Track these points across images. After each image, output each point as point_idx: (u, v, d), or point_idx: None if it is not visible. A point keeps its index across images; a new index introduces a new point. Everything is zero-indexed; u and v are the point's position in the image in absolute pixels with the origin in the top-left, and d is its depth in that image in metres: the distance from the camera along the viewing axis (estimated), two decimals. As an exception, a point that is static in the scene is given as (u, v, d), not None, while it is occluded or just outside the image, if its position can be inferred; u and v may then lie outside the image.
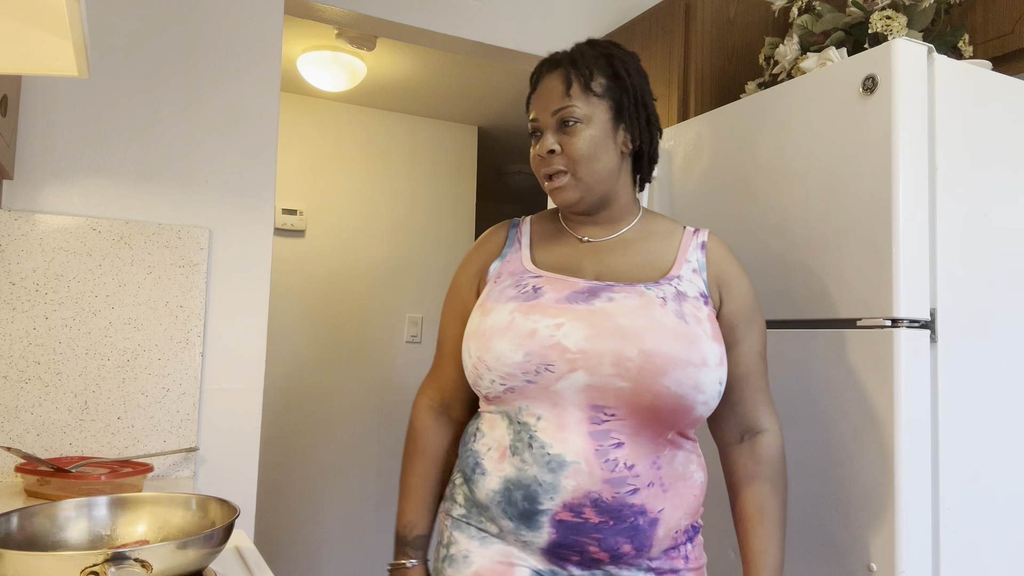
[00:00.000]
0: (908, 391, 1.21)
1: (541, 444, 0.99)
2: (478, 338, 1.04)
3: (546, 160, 1.09)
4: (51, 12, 0.76)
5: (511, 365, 1.00)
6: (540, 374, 0.99)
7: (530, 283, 1.07)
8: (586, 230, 1.15)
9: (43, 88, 1.62)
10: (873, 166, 1.27)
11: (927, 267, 1.26)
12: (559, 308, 1.01)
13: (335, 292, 3.25)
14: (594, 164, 1.07)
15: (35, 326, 1.56)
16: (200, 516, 0.96)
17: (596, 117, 1.08)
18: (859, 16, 1.53)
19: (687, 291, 1.06)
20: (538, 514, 0.99)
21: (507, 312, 1.03)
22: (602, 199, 1.11)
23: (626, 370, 0.97)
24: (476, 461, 1.06)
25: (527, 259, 1.13)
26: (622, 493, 0.97)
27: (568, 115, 1.06)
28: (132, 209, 1.68)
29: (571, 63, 1.09)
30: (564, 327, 0.99)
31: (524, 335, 1.00)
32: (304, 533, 3.15)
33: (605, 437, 0.98)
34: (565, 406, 0.99)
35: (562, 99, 1.07)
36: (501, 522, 1.03)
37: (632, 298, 1.02)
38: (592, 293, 1.03)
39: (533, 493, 0.99)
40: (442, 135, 3.50)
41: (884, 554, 1.19)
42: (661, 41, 2.02)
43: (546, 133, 1.09)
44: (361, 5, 2.00)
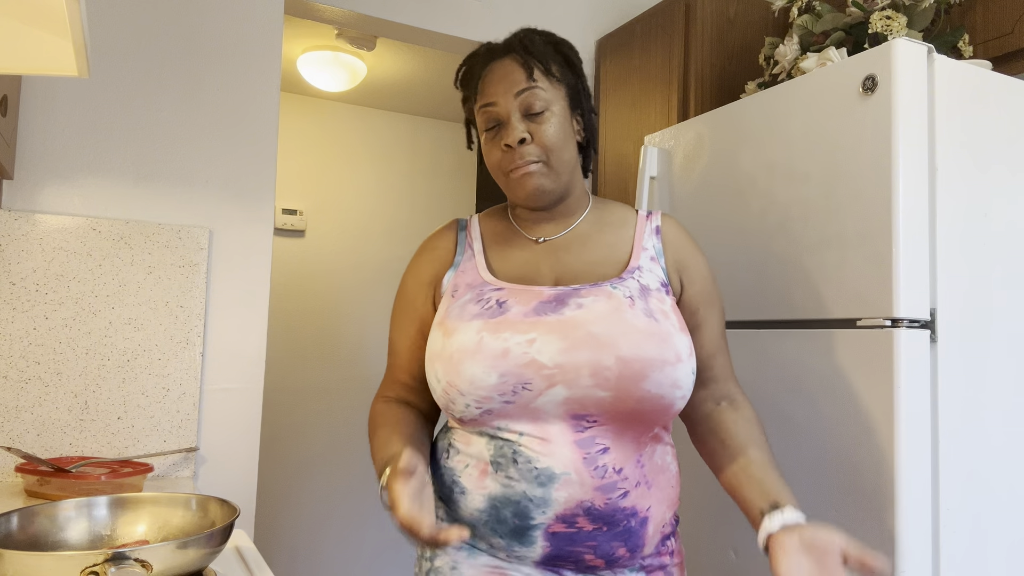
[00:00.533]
0: (908, 391, 1.21)
1: (527, 459, 0.95)
2: (445, 362, 0.98)
3: (516, 152, 1.02)
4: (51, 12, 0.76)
5: (486, 388, 0.95)
6: (518, 393, 0.95)
7: (492, 297, 1.01)
8: (539, 228, 1.10)
9: (43, 88, 1.62)
10: (873, 166, 1.27)
11: (927, 267, 1.26)
12: (528, 322, 0.97)
13: (335, 292, 3.25)
14: (563, 153, 1.04)
15: (35, 326, 1.56)
16: (200, 516, 0.96)
17: (558, 103, 1.04)
18: (859, 16, 1.53)
19: (649, 283, 1.03)
20: (530, 529, 0.96)
21: (474, 332, 0.97)
22: (564, 190, 1.07)
23: (605, 379, 0.94)
24: (453, 479, 1.02)
25: (483, 268, 1.07)
26: (614, 498, 0.96)
27: (534, 98, 1.01)
28: (132, 209, 1.68)
29: (524, 49, 1.04)
30: (537, 342, 0.95)
31: (496, 355, 0.95)
32: (304, 533, 3.15)
33: (591, 444, 0.96)
34: (546, 419, 0.96)
35: (525, 81, 1.02)
36: (491, 540, 0.99)
37: (601, 301, 0.98)
38: (560, 301, 0.99)
39: (524, 509, 0.96)
40: (442, 135, 3.50)
41: (884, 554, 1.19)
42: (661, 41, 2.02)
43: (510, 121, 1.02)
44: (361, 5, 2.00)
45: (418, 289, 1.12)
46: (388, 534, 3.29)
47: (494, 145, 1.05)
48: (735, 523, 1.49)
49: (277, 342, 3.14)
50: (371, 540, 3.26)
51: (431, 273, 1.11)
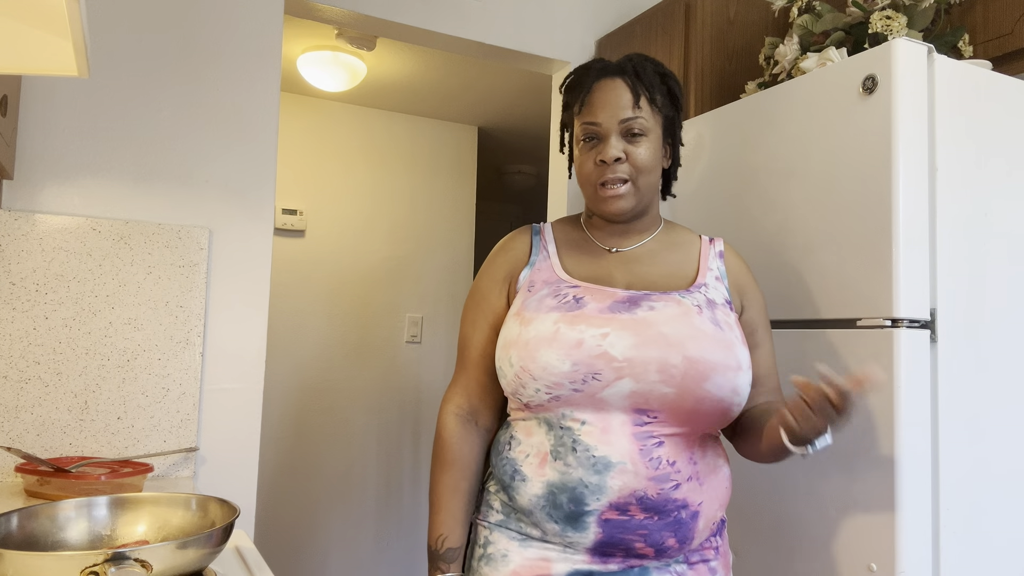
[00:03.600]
0: (908, 391, 1.21)
1: (586, 447, 1.01)
2: (521, 348, 1.04)
3: (609, 167, 1.10)
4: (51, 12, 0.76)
5: (558, 375, 1.01)
6: (587, 383, 1.01)
7: (570, 293, 1.08)
8: (612, 240, 1.17)
9: (43, 88, 1.62)
10: (873, 166, 1.27)
11: (927, 267, 1.26)
12: (604, 318, 1.03)
13: (335, 292, 3.25)
14: (651, 176, 1.11)
15: (35, 326, 1.56)
16: (200, 516, 0.95)
17: (654, 131, 1.11)
18: (859, 16, 1.53)
19: (715, 298, 1.10)
20: (584, 515, 1.01)
21: (551, 322, 1.03)
22: (644, 210, 1.15)
23: (671, 376, 1.00)
24: (515, 468, 1.07)
25: (559, 268, 1.13)
26: (666, 489, 1.01)
27: (636, 126, 1.09)
28: (132, 209, 1.68)
29: (635, 75, 1.11)
30: (610, 336, 1.01)
31: (571, 345, 1.01)
32: (304, 533, 3.15)
33: (647, 437, 1.01)
34: (609, 411, 1.02)
35: (633, 109, 1.09)
36: (546, 525, 1.04)
37: (671, 307, 1.05)
38: (633, 303, 1.05)
39: (579, 495, 1.01)
40: (442, 135, 3.50)
41: (884, 554, 1.19)
42: (661, 41, 2.02)
43: (609, 139, 1.10)
44: (361, 5, 2.00)
45: (492, 286, 1.17)
46: (388, 534, 3.29)
47: (589, 157, 1.12)
48: (735, 523, 1.49)
49: (277, 342, 3.14)
50: (371, 540, 3.26)
51: (506, 270, 1.17)
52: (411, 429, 3.35)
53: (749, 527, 1.45)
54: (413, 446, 3.36)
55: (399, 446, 3.33)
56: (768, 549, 1.40)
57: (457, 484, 1.13)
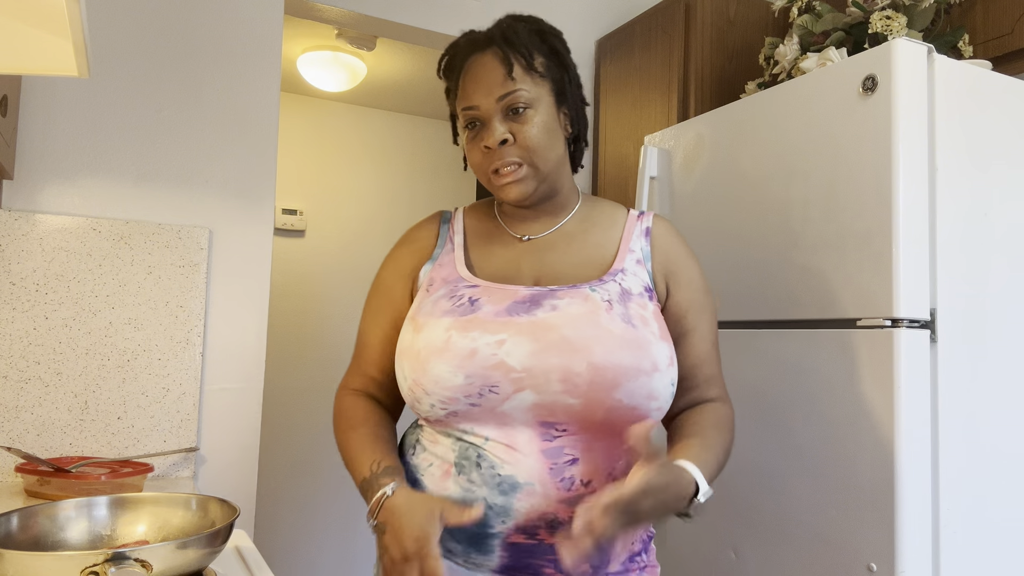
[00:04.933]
0: (908, 391, 1.21)
1: (491, 464, 0.91)
2: (412, 359, 0.94)
3: (496, 152, 0.97)
4: (51, 12, 0.76)
5: (451, 388, 0.91)
6: (484, 396, 0.91)
7: (466, 294, 0.97)
8: (525, 226, 1.06)
9: (43, 88, 1.62)
10: (873, 166, 1.27)
11: (927, 267, 1.26)
12: (499, 322, 0.92)
13: (335, 292, 3.25)
14: (548, 152, 0.98)
15: (35, 326, 1.56)
16: (200, 516, 0.95)
17: (543, 100, 0.98)
18: (859, 16, 1.53)
19: (631, 287, 0.99)
20: (489, 537, 0.92)
21: (442, 329, 0.93)
22: (550, 189, 1.03)
23: (575, 386, 0.90)
24: (415, 477, 0.98)
25: (461, 264, 1.03)
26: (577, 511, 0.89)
27: (515, 100, 0.96)
28: (132, 209, 1.68)
29: (505, 42, 0.98)
30: (506, 344, 0.91)
31: (463, 355, 0.91)
32: (304, 533, 3.15)
33: (559, 454, 0.91)
34: (514, 425, 0.92)
35: (506, 82, 0.96)
36: (448, 544, 0.95)
37: (576, 304, 0.94)
38: (534, 302, 0.95)
39: (483, 516, 0.91)
40: (442, 135, 3.50)
41: (884, 554, 1.19)
42: (661, 41, 2.02)
43: (491, 122, 0.97)
44: (361, 5, 2.00)
45: (395, 280, 1.07)
46: (388, 534, 3.30)
47: (475, 145, 1.00)
48: (735, 523, 1.49)
49: (277, 342, 3.14)
50: (371, 540, 3.26)
51: (410, 265, 1.07)
52: (411, 429, 3.35)
53: (749, 527, 1.45)
54: (413, 446, 3.36)
55: (399, 446, 3.33)
56: (768, 549, 1.40)
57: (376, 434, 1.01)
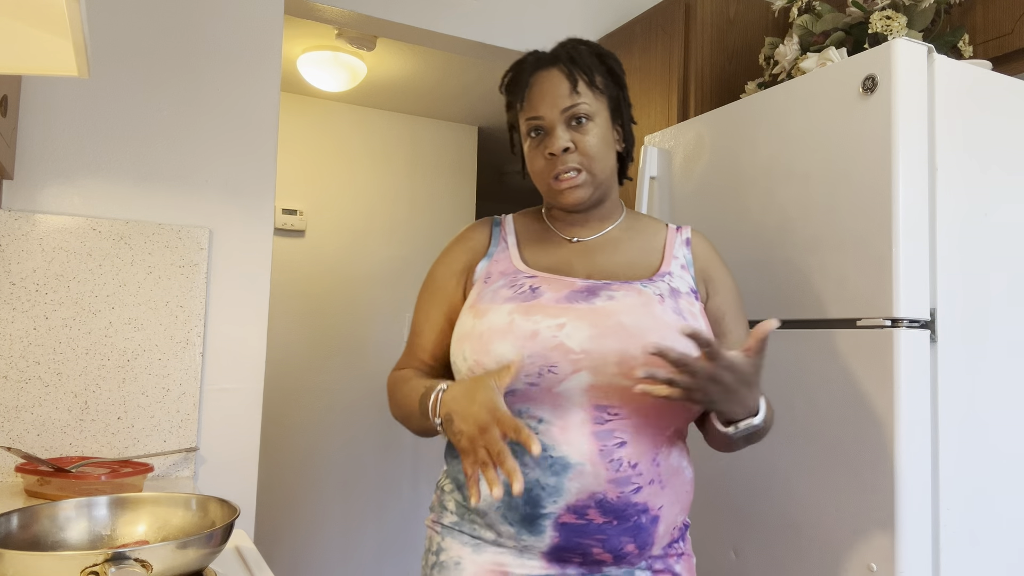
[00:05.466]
0: (908, 391, 1.21)
1: (544, 446, 0.97)
2: (474, 340, 1.00)
3: (560, 159, 1.06)
4: (51, 12, 0.76)
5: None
6: (543, 376, 0.97)
7: (526, 283, 1.04)
8: (574, 230, 1.14)
9: (43, 88, 1.62)
10: (873, 166, 1.27)
11: (927, 267, 1.26)
12: (560, 308, 0.99)
13: (335, 292, 3.25)
14: (604, 162, 1.07)
15: (35, 326, 1.56)
16: (200, 516, 0.95)
17: (601, 114, 1.07)
18: (859, 16, 1.53)
19: (679, 288, 1.06)
20: (540, 518, 0.97)
21: (505, 313, 1.00)
22: (600, 197, 1.11)
23: (631, 369, 0.95)
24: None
25: (517, 259, 1.10)
26: (626, 492, 0.97)
27: (578, 112, 1.05)
28: (132, 209, 1.68)
29: (571, 60, 1.07)
30: (567, 327, 0.97)
31: (526, 336, 0.97)
32: (304, 533, 3.15)
33: (608, 437, 0.97)
34: (568, 407, 0.97)
35: (571, 95, 1.05)
36: (500, 527, 1.01)
37: (631, 296, 1.01)
38: (591, 292, 1.01)
39: (535, 497, 0.97)
40: (442, 135, 3.50)
41: (884, 554, 1.19)
42: (661, 41, 2.02)
43: (555, 131, 1.06)
44: (361, 5, 2.00)
45: (449, 276, 1.13)
46: (388, 534, 3.29)
47: (538, 152, 1.08)
48: (735, 523, 1.49)
49: (277, 342, 3.14)
50: (371, 540, 3.26)
51: (464, 262, 1.13)
52: (411, 429, 3.35)
53: (749, 527, 1.45)
54: (413, 446, 3.36)
55: (399, 446, 3.33)
56: (768, 549, 1.40)
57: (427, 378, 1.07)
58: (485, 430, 0.87)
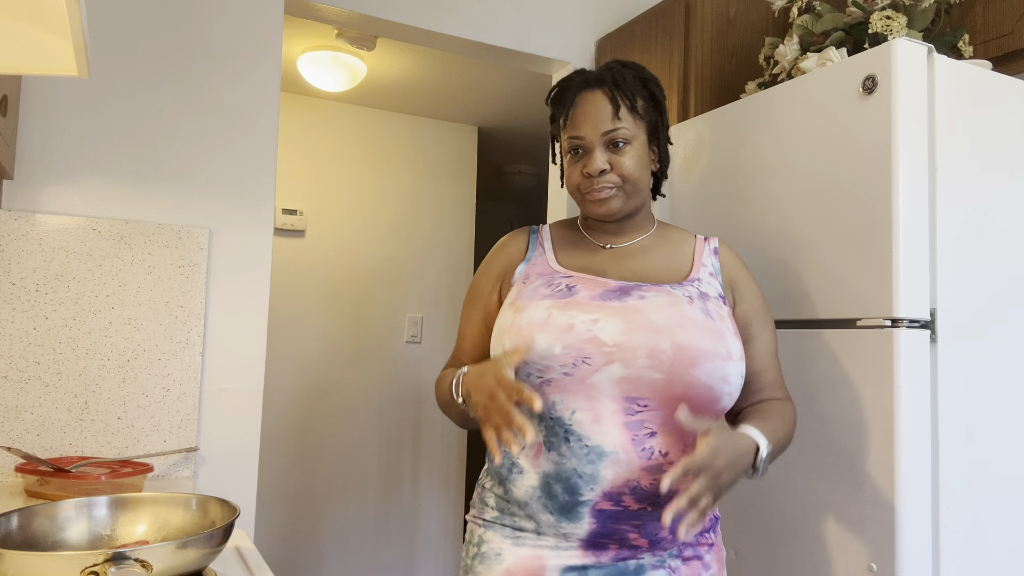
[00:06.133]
0: (908, 391, 1.21)
1: (579, 437, 1.03)
2: (514, 333, 1.07)
3: (596, 179, 1.12)
4: (51, 12, 0.76)
5: (549, 358, 1.03)
6: (577, 367, 1.03)
7: (563, 282, 1.11)
8: (607, 238, 1.20)
9: (43, 88, 1.62)
10: (873, 166, 1.27)
11: (927, 267, 1.26)
12: (594, 305, 1.06)
13: (335, 292, 3.25)
14: (639, 182, 1.14)
15: (35, 326, 1.56)
16: (200, 516, 0.96)
17: (638, 137, 1.14)
18: (859, 16, 1.53)
19: (708, 292, 1.12)
20: (579, 505, 1.03)
21: (543, 308, 1.06)
22: (633, 211, 1.18)
23: (660, 362, 1.01)
24: (512, 461, 1.10)
25: (553, 262, 1.17)
26: (659, 479, 1.02)
27: (618, 136, 1.12)
28: (132, 209, 1.68)
29: (615, 84, 1.13)
30: (600, 322, 1.03)
31: (562, 329, 1.03)
32: (304, 533, 3.15)
33: (639, 427, 1.02)
34: (600, 399, 1.03)
35: (613, 120, 1.12)
36: (540, 516, 1.06)
37: (661, 296, 1.07)
38: (624, 292, 1.08)
39: (573, 485, 1.03)
40: (442, 135, 3.50)
41: (884, 554, 1.19)
42: (661, 41, 2.02)
43: (594, 152, 1.13)
44: (361, 5, 2.00)
45: (487, 281, 1.22)
46: (389, 534, 3.29)
47: (576, 169, 1.15)
48: (735, 523, 1.49)
49: (277, 342, 3.14)
50: (371, 540, 3.26)
51: (501, 267, 1.21)
52: (411, 429, 3.35)
53: (749, 527, 1.45)
54: (413, 446, 3.36)
55: (399, 446, 3.33)
56: (768, 549, 1.41)
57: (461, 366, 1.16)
58: (493, 396, 0.96)
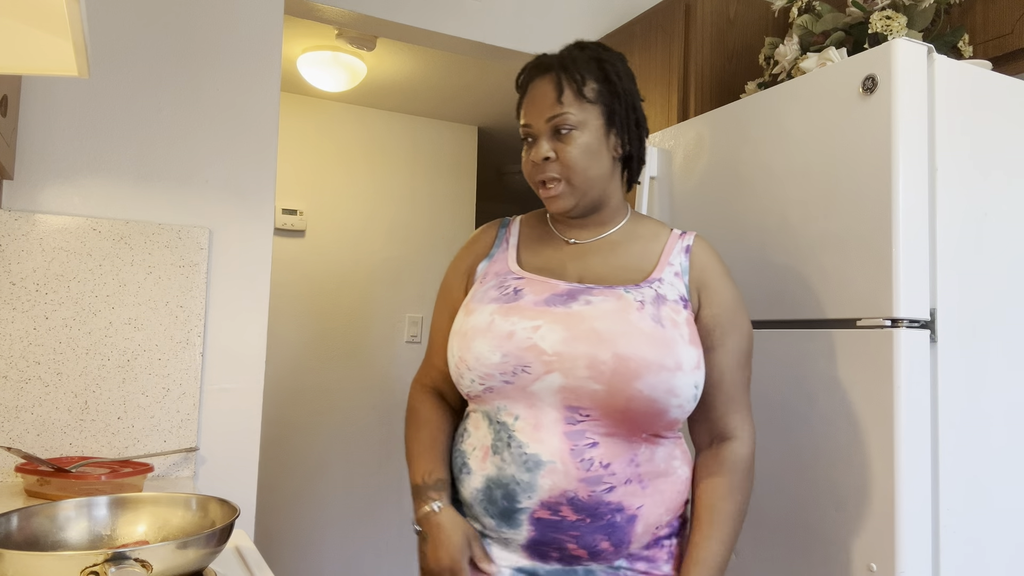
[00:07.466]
0: (908, 391, 1.21)
1: (519, 444, 1.01)
2: (460, 338, 1.06)
3: (540, 167, 1.09)
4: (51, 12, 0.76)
5: (489, 366, 1.02)
6: (517, 375, 1.01)
7: (512, 284, 1.08)
8: (573, 232, 1.16)
9: (43, 88, 1.62)
10: (873, 166, 1.27)
11: (927, 267, 1.26)
12: (537, 310, 1.03)
13: (335, 292, 3.25)
14: (587, 171, 1.08)
15: (35, 326, 1.56)
16: (200, 516, 0.95)
17: (589, 123, 1.07)
18: (859, 16, 1.53)
19: (667, 294, 1.06)
20: (517, 512, 1.01)
21: (488, 313, 1.05)
22: (594, 203, 1.12)
23: (600, 373, 0.98)
24: (463, 461, 1.09)
25: (512, 260, 1.14)
26: (598, 491, 0.99)
27: (561, 122, 1.06)
28: (132, 209, 1.68)
29: (562, 68, 1.08)
30: (541, 329, 1.01)
31: (502, 336, 1.02)
32: (304, 533, 3.15)
33: (580, 437, 1.00)
34: (541, 407, 1.01)
35: (555, 106, 1.06)
36: (483, 520, 1.06)
37: (609, 301, 1.03)
38: (571, 296, 1.04)
39: (512, 492, 1.01)
40: (442, 135, 3.50)
41: (884, 554, 1.19)
42: (661, 41, 2.02)
43: (540, 139, 1.09)
44: (361, 5, 2.00)
45: (455, 278, 1.20)
46: (389, 534, 3.29)
47: (527, 158, 1.12)
48: (735, 523, 1.48)
49: (277, 342, 3.14)
50: (372, 540, 3.26)
51: (468, 263, 1.19)
52: (411, 429, 3.35)
53: (749, 527, 1.45)
54: (413, 446, 3.36)
55: (399, 446, 3.33)
56: (768, 549, 1.40)
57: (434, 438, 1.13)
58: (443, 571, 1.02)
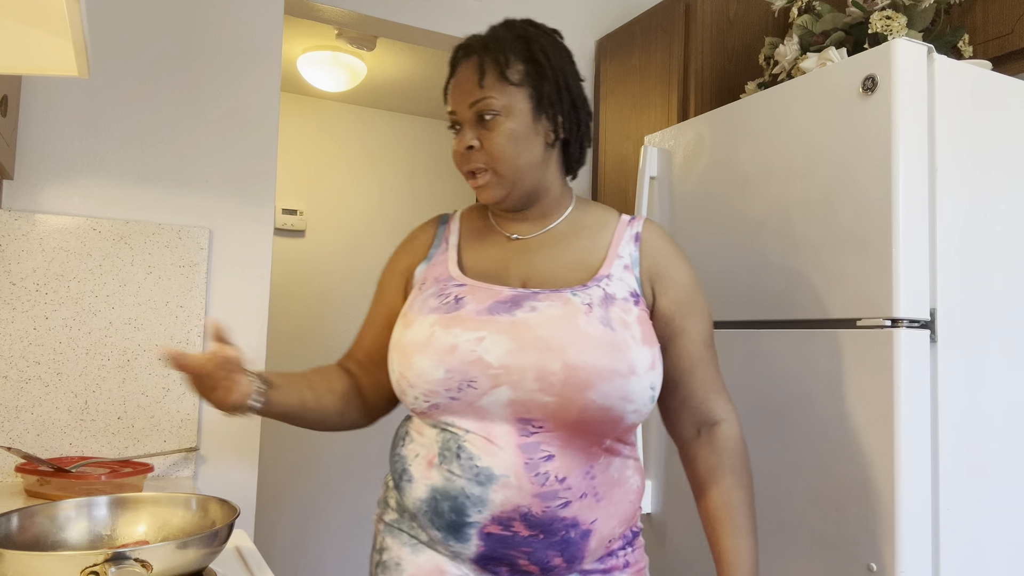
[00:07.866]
0: (908, 391, 1.21)
1: (470, 455, 0.95)
2: (399, 353, 0.99)
3: (466, 156, 1.02)
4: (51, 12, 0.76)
5: (433, 382, 0.95)
6: (463, 391, 0.94)
7: (452, 292, 1.01)
8: (515, 227, 1.09)
9: (43, 88, 1.62)
10: (873, 166, 1.27)
11: (927, 267, 1.26)
12: (480, 320, 0.96)
13: (335, 292, 3.25)
14: (516, 160, 1.01)
15: (35, 326, 1.56)
16: (200, 516, 0.95)
17: (515, 108, 1.00)
18: (859, 16, 1.53)
19: (616, 292, 1.00)
20: (466, 526, 0.95)
21: (427, 325, 0.98)
22: (529, 194, 1.05)
23: (550, 384, 0.92)
24: (404, 467, 1.02)
25: (453, 263, 1.07)
26: (553, 507, 0.94)
27: (484, 108, 0.99)
28: (132, 209, 1.68)
29: (484, 49, 1.01)
30: (485, 341, 0.94)
31: (444, 351, 0.95)
32: (304, 533, 3.15)
33: (535, 450, 0.94)
34: (492, 420, 0.95)
35: (476, 90, 1.00)
36: (429, 531, 0.99)
37: (556, 307, 0.96)
38: (515, 303, 0.98)
39: (461, 505, 0.95)
40: (442, 135, 3.50)
41: (884, 554, 1.19)
42: (661, 41, 2.02)
43: (464, 127, 1.02)
44: (361, 5, 2.00)
45: (390, 278, 1.14)
46: (388, 534, 3.30)
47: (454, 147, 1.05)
48: (735, 523, 1.48)
49: (277, 342, 3.14)
50: (371, 540, 3.26)
51: (404, 264, 1.13)
52: (411, 429, 3.35)
53: (749, 527, 1.45)
54: (413, 446, 3.36)
55: (399, 446, 3.33)
56: (768, 549, 1.40)
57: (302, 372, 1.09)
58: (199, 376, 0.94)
